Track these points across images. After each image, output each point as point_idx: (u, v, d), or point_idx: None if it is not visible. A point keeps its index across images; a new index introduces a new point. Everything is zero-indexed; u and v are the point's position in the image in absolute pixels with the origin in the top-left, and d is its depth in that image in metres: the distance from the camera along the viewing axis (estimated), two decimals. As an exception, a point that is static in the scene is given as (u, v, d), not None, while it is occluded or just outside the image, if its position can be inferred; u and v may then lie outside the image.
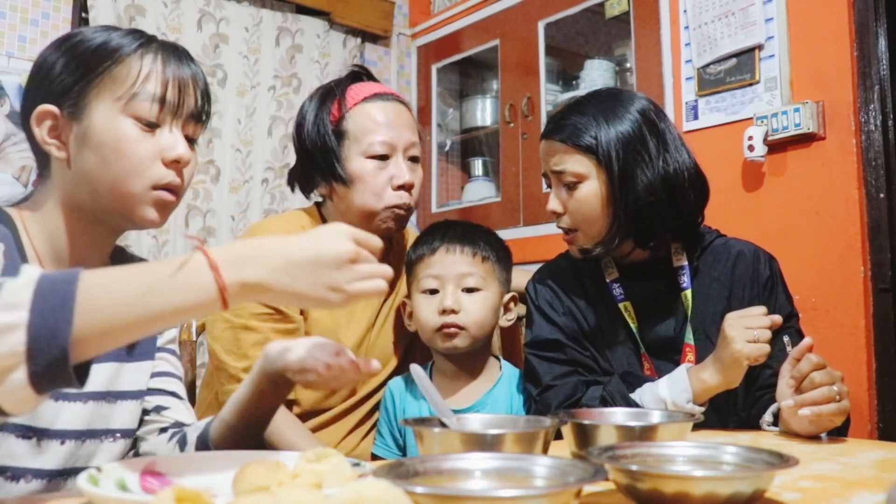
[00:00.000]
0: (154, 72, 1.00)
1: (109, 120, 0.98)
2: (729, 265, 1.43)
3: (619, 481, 0.70)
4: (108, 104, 0.98)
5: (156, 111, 1.00)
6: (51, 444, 1.00)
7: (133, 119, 0.99)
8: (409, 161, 1.54)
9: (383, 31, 3.55)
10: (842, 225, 2.08)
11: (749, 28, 2.28)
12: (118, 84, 0.99)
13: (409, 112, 1.59)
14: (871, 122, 2.07)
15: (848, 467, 0.90)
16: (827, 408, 1.09)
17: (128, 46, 1.00)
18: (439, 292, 1.49)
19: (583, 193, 1.38)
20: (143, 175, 1.00)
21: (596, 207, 1.38)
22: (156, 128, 1.01)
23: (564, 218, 1.42)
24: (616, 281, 1.44)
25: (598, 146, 1.36)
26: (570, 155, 1.38)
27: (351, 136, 1.52)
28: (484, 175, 3.48)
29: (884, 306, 2.02)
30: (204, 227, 2.99)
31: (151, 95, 0.99)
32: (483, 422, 0.98)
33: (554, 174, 1.41)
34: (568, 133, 1.39)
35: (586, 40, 3.22)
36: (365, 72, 1.63)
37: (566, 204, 1.40)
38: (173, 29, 2.95)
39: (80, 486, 0.66)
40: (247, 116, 3.11)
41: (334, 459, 0.68)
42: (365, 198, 1.51)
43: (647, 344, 1.39)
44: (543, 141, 1.44)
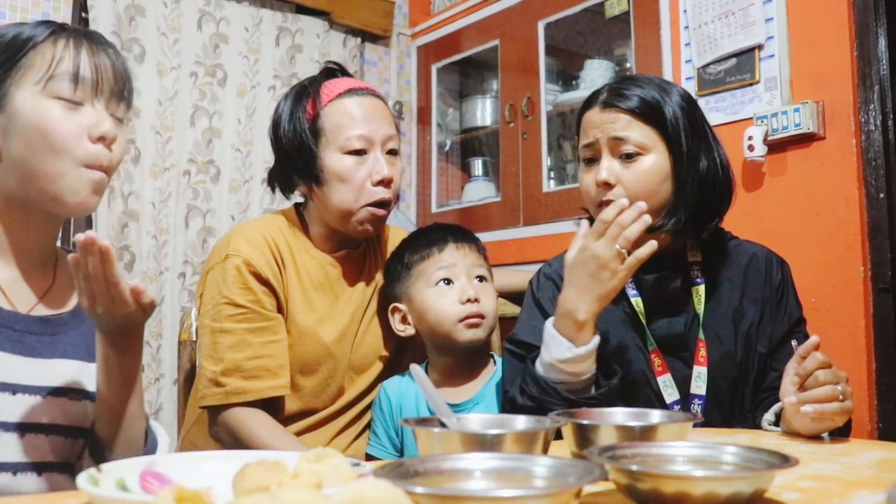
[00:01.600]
0: (68, 53, 1.02)
1: (31, 103, 0.99)
2: (741, 267, 1.42)
3: (619, 481, 0.70)
4: (28, 89, 1.00)
5: (74, 89, 1.01)
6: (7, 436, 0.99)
7: (54, 99, 1.00)
8: (388, 154, 1.52)
9: (383, 31, 3.55)
10: (842, 225, 2.08)
11: (749, 28, 2.28)
12: (35, 70, 1.00)
13: (385, 105, 1.56)
14: (871, 122, 2.07)
15: (848, 467, 0.90)
16: (830, 406, 1.08)
17: (40, 35, 1.02)
18: (454, 283, 1.49)
19: (645, 165, 1.33)
20: (72, 153, 1.00)
21: (656, 181, 1.34)
22: (79, 106, 1.02)
23: (616, 190, 1.34)
24: None
25: (667, 119, 1.34)
26: (635, 124, 1.34)
27: (327, 133, 1.50)
28: (484, 175, 3.48)
29: (884, 306, 2.02)
30: (204, 227, 2.99)
31: (69, 74, 1.01)
32: (483, 422, 0.98)
33: (611, 142, 1.35)
34: (636, 103, 1.35)
35: (586, 40, 3.22)
36: (339, 68, 1.61)
37: (619, 175, 1.34)
38: (173, 29, 2.95)
39: (81, 485, 0.66)
40: (247, 116, 3.11)
41: (334, 459, 0.68)
42: (342, 195, 1.48)
43: (657, 341, 1.36)
44: (597, 110, 1.39)
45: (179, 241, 2.93)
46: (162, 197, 2.89)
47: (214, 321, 1.44)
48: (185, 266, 2.94)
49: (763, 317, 1.38)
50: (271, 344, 1.44)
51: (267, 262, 1.46)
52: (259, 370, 1.43)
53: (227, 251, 1.47)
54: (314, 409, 1.53)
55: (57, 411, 1.04)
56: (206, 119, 3.02)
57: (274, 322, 1.46)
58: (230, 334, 1.43)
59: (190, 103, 2.99)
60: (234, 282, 1.44)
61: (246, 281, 1.44)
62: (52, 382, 1.04)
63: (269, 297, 1.46)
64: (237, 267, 1.44)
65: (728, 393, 1.33)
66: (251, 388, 1.42)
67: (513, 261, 2.86)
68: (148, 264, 2.84)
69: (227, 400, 1.41)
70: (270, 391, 1.44)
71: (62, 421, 1.04)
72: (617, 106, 1.36)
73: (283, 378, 1.46)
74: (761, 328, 1.37)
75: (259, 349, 1.43)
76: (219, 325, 1.44)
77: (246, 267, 1.44)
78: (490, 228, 3.10)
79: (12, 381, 1.00)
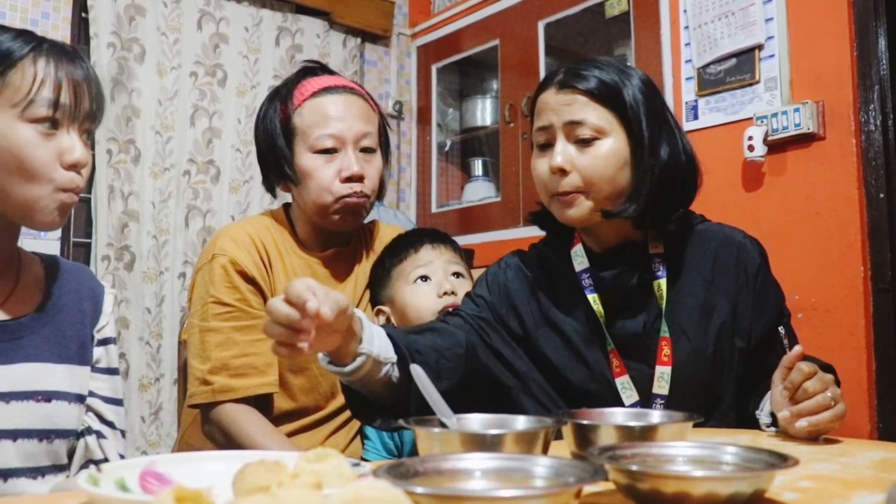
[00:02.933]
0: (49, 76, 1.01)
1: (7, 126, 0.99)
2: (709, 254, 1.33)
3: (619, 481, 0.70)
4: (5, 111, 0.99)
5: (52, 114, 1.01)
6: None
7: (31, 124, 1.00)
8: (362, 152, 1.51)
9: (383, 30, 3.55)
10: (842, 225, 2.08)
11: (749, 28, 2.28)
12: (13, 90, 0.99)
13: (363, 102, 1.55)
14: (871, 122, 2.07)
15: (847, 467, 0.90)
16: (823, 416, 1.08)
17: (19, 51, 1.01)
18: (430, 279, 1.51)
19: (602, 150, 1.26)
20: (47, 180, 1.01)
21: (614, 166, 1.26)
22: (54, 131, 1.02)
23: (571, 177, 1.26)
24: (586, 271, 1.34)
25: (626, 102, 1.27)
26: (592, 107, 1.27)
27: (299, 133, 1.50)
28: (484, 175, 3.48)
29: (884, 306, 2.02)
30: (204, 227, 2.99)
31: (48, 101, 1.00)
32: (483, 422, 0.98)
33: (566, 127, 1.27)
34: (594, 84, 1.27)
35: (586, 40, 3.22)
36: (319, 66, 1.61)
37: (574, 161, 1.26)
38: (173, 29, 2.95)
39: (81, 485, 0.66)
40: (247, 116, 3.11)
41: (334, 460, 0.68)
42: (314, 194, 1.49)
43: (616, 340, 1.29)
44: (552, 91, 1.30)
45: (179, 241, 2.93)
46: (162, 197, 2.89)
47: (202, 320, 1.46)
48: (185, 266, 2.94)
49: (738, 308, 1.30)
50: (258, 342, 1.45)
51: (253, 260, 1.47)
52: (246, 368, 1.43)
53: (214, 251, 1.48)
54: (306, 408, 1.53)
55: (22, 415, 1.03)
56: (206, 119, 3.02)
57: (260, 320, 1.46)
58: (217, 333, 1.44)
59: (190, 103, 2.99)
60: (220, 281, 1.45)
61: (232, 280, 1.45)
62: (13, 387, 1.03)
63: (256, 295, 1.47)
64: (223, 266, 1.45)
65: (698, 392, 1.26)
66: (238, 385, 1.42)
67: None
68: (148, 264, 2.84)
69: (214, 398, 1.42)
70: (258, 388, 1.44)
71: (29, 425, 1.04)
72: (574, 87, 1.28)
73: (271, 376, 1.46)
74: (737, 321, 1.29)
75: (246, 347, 1.44)
76: (206, 324, 1.45)
77: (232, 266, 1.45)
78: (490, 228, 3.10)
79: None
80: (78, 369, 1.12)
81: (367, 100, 1.58)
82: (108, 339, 1.19)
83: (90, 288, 1.18)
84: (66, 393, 1.09)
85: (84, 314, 1.15)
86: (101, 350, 1.18)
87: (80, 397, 1.12)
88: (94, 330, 1.16)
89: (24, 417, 1.03)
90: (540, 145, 1.32)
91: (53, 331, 1.09)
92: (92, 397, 1.15)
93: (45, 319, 1.10)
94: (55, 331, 1.10)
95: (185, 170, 2.97)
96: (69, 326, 1.12)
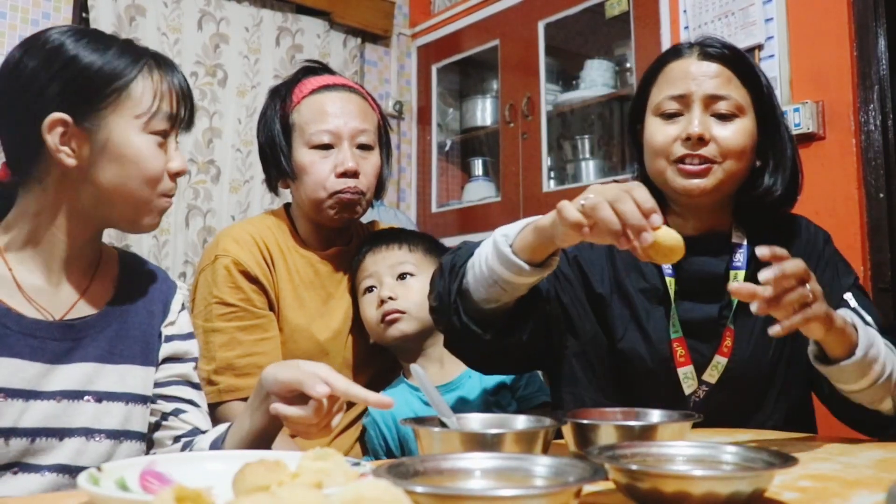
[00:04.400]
0: (166, 91, 1.09)
1: (129, 136, 1.05)
2: (788, 246, 1.25)
3: (619, 481, 0.70)
4: (126, 121, 1.05)
5: (169, 127, 1.09)
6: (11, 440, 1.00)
7: (151, 134, 1.06)
8: (358, 149, 1.53)
9: (383, 31, 3.55)
10: (842, 225, 2.08)
11: (749, 28, 2.28)
12: (134, 102, 1.05)
13: (361, 99, 1.57)
14: (871, 122, 2.07)
15: (847, 467, 0.90)
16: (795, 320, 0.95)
17: (130, 68, 1.06)
18: (376, 288, 1.52)
19: (739, 127, 1.24)
20: (157, 187, 1.08)
21: (749, 145, 1.25)
22: (165, 140, 1.09)
23: (710, 147, 1.23)
24: None
25: (763, 84, 1.27)
26: (736, 84, 1.26)
27: (297, 129, 1.53)
28: (484, 175, 3.48)
29: (884, 306, 2.02)
30: (204, 227, 2.99)
31: (167, 114, 1.08)
32: (483, 422, 0.98)
33: (708, 99, 1.24)
34: (740, 60, 1.26)
35: (586, 40, 3.23)
36: (319, 65, 1.63)
37: (713, 132, 1.24)
38: (173, 29, 2.95)
39: (81, 485, 0.66)
40: (247, 116, 3.11)
41: (335, 459, 0.68)
42: (310, 189, 1.51)
43: (683, 325, 1.27)
44: (692, 59, 1.28)
45: (180, 241, 2.94)
46: (162, 197, 2.90)
47: (206, 321, 1.47)
48: (185, 266, 2.94)
49: None
50: (263, 341, 1.46)
51: (255, 260, 1.48)
52: (251, 367, 1.44)
53: (217, 252, 1.49)
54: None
55: (72, 415, 1.05)
56: (207, 119, 3.02)
57: (265, 319, 1.48)
58: (221, 333, 1.45)
59: (190, 103, 2.99)
60: (223, 281, 1.46)
61: (235, 280, 1.46)
62: (67, 387, 1.05)
63: (259, 294, 1.48)
64: (226, 267, 1.46)
65: (745, 386, 1.24)
66: (244, 385, 1.43)
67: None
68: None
69: (220, 398, 1.43)
70: None
71: (79, 423, 1.05)
72: (719, 58, 1.26)
73: None
74: None
75: (250, 347, 1.45)
76: (210, 324, 1.46)
77: (235, 266, 1.46)
78: (490, 228, 3.08)
79: (27, 388, 1.01)
80: (139, 370, 1.13)
81: (366, 98, 1.59)
82: (178, 335, 1.20)
83: (162, 290, 1.21)
84: (119, 393, 1.09)
85: (153, 314, 1.18)
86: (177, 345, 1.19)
87: (139, 398, 1.12)
88: (162, 326, 1.18)
89: (71, 416, 1.04)
90: (667, 113, 1.27)
91: (117, 331, 1.11)
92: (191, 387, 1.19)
93: (111, 319, 1.12)
94: (119, 331, 1.12)
95: (185, 170, 2.97)
96: (135, 327, 1.14)
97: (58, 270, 1.09)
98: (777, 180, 1.28)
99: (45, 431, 1.02)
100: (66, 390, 1.05)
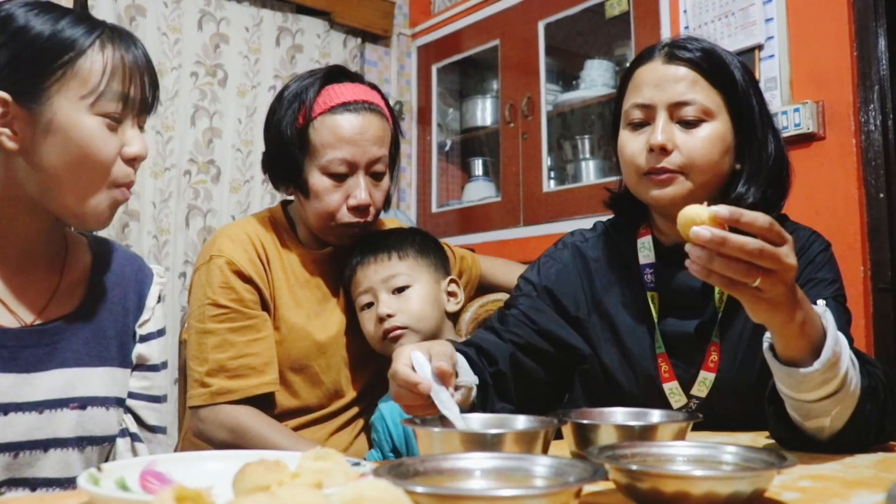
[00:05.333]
0: (117, 68, 0.98)
1: (76, 117, 0.95)
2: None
3: (619, 481, 0.70)
4: (73, 101, 0.95)
5: (121, 108, 0.99)
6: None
7: (99, 117, 0.97)
8: (371, 176, 1.49)
9: (383, 31, 3.55)
10: (842, 225, 2.08)
11: (749, 28, 2.28)
12: (81, 81, 0.96)
13: (380, 121, 1.51)
14: (871, 122, 2.07)
15: (848, 467, 0.90)
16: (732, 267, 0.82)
17: (83, 39, 0.97)
18: (374, 304, 1.50)
19: (707, 133, 1.18)
20: (107, 173, 0.98)
21: (719, 150, 1.18)
22: (118, 124, 0.99)
23: (673, 156, 1.17)
24: (651, 266, 1.26)
25: (737, 83, 1.19)
26: (701, 86, 1.19)
27: (312, 149, 1.47)
28: (484, 175, 3.48)
29: (884, 306, 2.02)
30: (204, 227, 3.00)
31: (118, 94, 0.98)
32: (483, 422, 0.98)
33: (672, 107, 1.19)
34: (704, 59, 1.19)
35: (586, 40, 3.22)
36: (343, 72, 1.57)
37: (676, 140, 1.18)
38: (173, 29, 2.95)
39: (81, 485, 0.66)
40: (247, 116, 3.11)
41: (335, 459, 0.68)
42: (319, 212, 1.48)
43: (666, 340, 1.23)
44: (657, 64, 1.22)
45: (180, 241, 2.94)
46: (162, 197, 2.90)
47: (199, 322, 1.46)
48: (185, 266, 2.94)
49: None
50: (255, 342, 1.45)
51: (250, 259, 1.47)
52: (244, 369, 1.43)
53: (212, 252, 1.48)
54: (309, 406, 1.52)
55: (54, 425, 1.00)
56: (207, 119, 3.02)
57: (257, 320, 1.46)
58: (214, 335, 1.44)
59: (190, 103, 2.99)
60: (216, 282, 1.45)
61: (228, 280, 1.45)
62: (47, 395, 0.99)
63: (253, 294, 1.46)
64: (220, 267, 1.45)
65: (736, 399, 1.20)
66: (236, 387, 1.42)
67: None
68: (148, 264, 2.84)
69: (212, 400, 1.42)
70: (256, 389, 1.43)
71: (64, 433, 1.00)
72: (682, 60, 1.20)
73: (270, 374, 1.46)
74: None
75: (243, 348, 1.44)
76: (203, 325, 1.45)
77: (228, 266, 1.45)
78: (490, 228, 3.10)
79: (5, 401, 0.96)
80: (117, 372, 1.08)
81: (384, 114, 1.53)
82: (150, 334, 1.15)
83: (137, 280, 1.14)
84: (102, 398, 1.05)
85: (127, 311, 1.11)
86: (144, 347, 1.14)
87: (118, 401, 1.08)
88: (136, 325, 1.12)
89: (56, 426, 0.99)
90: (634, 123, 1.23)
91: (93, 332, 1.06)
92: (132, 398, 1.12)
93: (86, 319, 1.06)
94: (95, 331, 1.06)
95: (185, 170, 2.97)
96: (110, 325, 1.08)
97: (19, 268, 1.01)
98: (750, 188, 1.20)
99: (29, 444, 0.97)
100: (47, 400, 0.99)
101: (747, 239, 0.81)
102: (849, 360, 0.92)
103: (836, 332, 0.91)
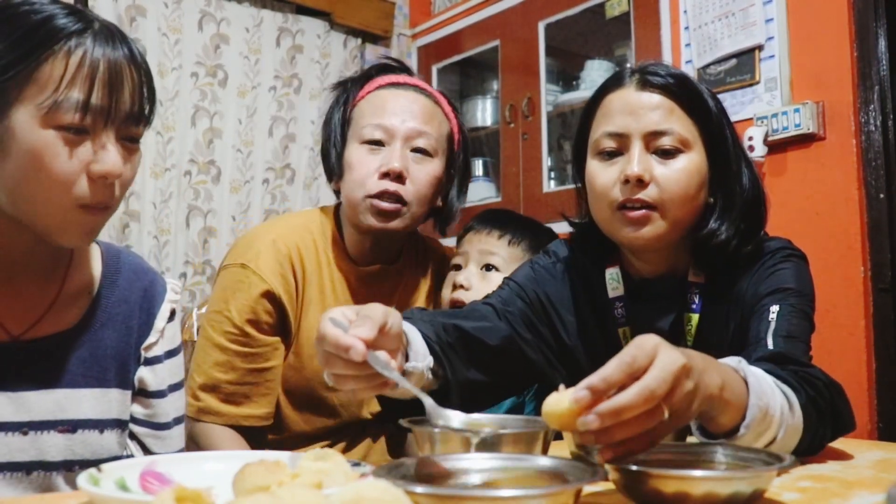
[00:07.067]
0: (81, 73, 0.87)
1: (29, 129, 0.86)
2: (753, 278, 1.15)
3: (619, 481, 0.71)
4: (28, 110, 0.86)
5: (81, 118, 0.87)
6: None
7: (55, 130, 0.86)
8: (413, 152, 1.38)
9: (384, 31, 3.55)
10: (842, 225, 2.08)
11: (749, 28, 2.28)
12: (39, 88, 0.86)
13: (432, 104, 1.43)
14: (871, 123, 2.07)
15: (847, 467, 0.90)
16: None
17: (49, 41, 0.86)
18: (462, 269, 1.50)
19: (684, 164, 1.11)
20: (67, 192, 0.88)
21: (695, 184, 1.12)
22: (84, 135, 0.88)
23: (650, 189, 1.10)
24: (620, 299, 1.21)
25: (712, 114, 1.13)
26: (677, 115, 1.12)
27: (353, 123, 1.42)
28: (484, 175, 3.48)
29: (884, 306, 2.02)
30: (205, 228, 3.00)
31: (76, 103, 0.86)
32: (483, 423, 0.98)
33: (648, 136, 1.12)
34: (679, 87, 1.13)
35: (586, 40, 3.22)
36: (398, 64, 1.54)
37: (653, 172, 1.11)
38: (174, 29, 2.95)
39: (81, 485, 0.66)
40: (247, 117, 3.11)
41: (335, 459, 0.68)
42: (351, 187, 1.38)
43: None
44: (630, 90, 1.15)
45: (180, 242, 2.94)
46: (163, 197, 2.90)
47: (211, 328, 1.39)
48: (185, 266, 2.94)
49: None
50: (259, 372, 1.39)
51: (283, 276, 1.37)
52: (238, 397, 1.38)
53: (246, 259, 1.38)
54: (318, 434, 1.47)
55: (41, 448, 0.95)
56: (207, 119, 3.03)
57: (268, 348, 1.39)
58: (221, 352, 1.37)
59: (191, 104, 2.99)
60: (241, 298, 1.36)
61: (252, 299, 1.36)
62: (34, 417, 0.94)
63: (273, 317, 1.38)
64: (249, 284, 1.36)
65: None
66: (225, 411, 1.37)
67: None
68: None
69: (195, 415, 1.37)
70: (245, 420, 1.38)
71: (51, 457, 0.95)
72: (658, 87, 1.13)
73: (264, 408, 1.39)
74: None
75: (244, 376, 1.38)
76: (213, 336, 1.38)
77: (258, 285, 1.36)
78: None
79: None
80: (115, 392, 1.02)
81: (440, 105, 1.46)
82: (157, 357, 1.07)
83: (147, 297, 1.06)
84: (95, 420, 0.99)
85: (131, 330, 1.04)
86: (147, 372, 1.06)
87: (117, 423, 1.02)
88: (142, 347, 1.05)
89: (41, 449, 0.94)
90: (605, 152, 1.15)
91: (91, 351, 0.99)
92: (135, 424, 1.05)
93: (85, 337, 0.99)
94: (93, 350, 0.99)
95: (185, 170, 2.97)
96: (111, 346, 1.01)
97: (6, 280, 0.95)
98: (723, 224, 1.14)
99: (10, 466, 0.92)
100: (33, 421, 0.94)
101: (629, 393, 0.68)
102: (780, 397, 0.85)
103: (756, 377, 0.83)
